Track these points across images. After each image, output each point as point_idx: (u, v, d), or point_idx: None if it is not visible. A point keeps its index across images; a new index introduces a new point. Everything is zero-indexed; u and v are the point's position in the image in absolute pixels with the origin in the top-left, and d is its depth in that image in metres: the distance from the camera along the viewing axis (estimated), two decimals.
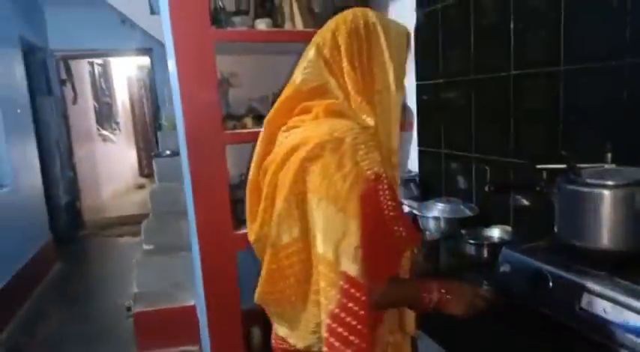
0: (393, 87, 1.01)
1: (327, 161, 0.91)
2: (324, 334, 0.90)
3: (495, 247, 1.41)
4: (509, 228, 1.64)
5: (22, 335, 3.22)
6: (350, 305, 0.89)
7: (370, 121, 0.99)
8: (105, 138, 7.34)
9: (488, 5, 1.72)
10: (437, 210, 1.83)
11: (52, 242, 4.69)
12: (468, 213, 1.81)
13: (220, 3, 2.21)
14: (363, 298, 0.89)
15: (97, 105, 7.23)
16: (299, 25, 2.11)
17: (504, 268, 1.19)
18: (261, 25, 2.06)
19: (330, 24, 1.05)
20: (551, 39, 1.45)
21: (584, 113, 1.39)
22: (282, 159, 0.98)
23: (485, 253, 1.46)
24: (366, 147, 0.94)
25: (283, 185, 0.96)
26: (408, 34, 1.09)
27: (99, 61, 7.25)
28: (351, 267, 0.89)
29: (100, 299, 3.79)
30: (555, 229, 1.17)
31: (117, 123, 7.90)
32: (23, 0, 4.62)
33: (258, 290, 1.06)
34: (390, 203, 0.97)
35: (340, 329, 0.89)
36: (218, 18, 2.12)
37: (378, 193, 0.95)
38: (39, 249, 4.22)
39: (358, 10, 1.05)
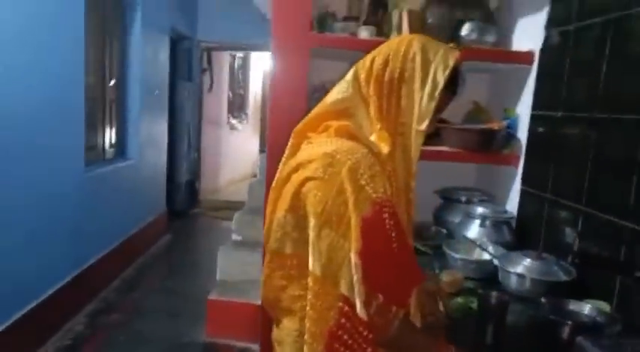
0: (415, 118, 0.99)
1: (329, 185, 0.91)
2: (322, 350, 0.91)
3: (576, 329, 1.12)
4: (607, 308, 1.31)
5: (118, 295, 3.56)
6: (348, 325, 0.90)
7: (384, 148, 0.99)
8: (232, 127, 7.88)
9: (630, 33, 1.39)
10: (522, 266, 1.55)
11: (166, 215, 5.14)
12: (562, 277, 1.49)
13: (330, 9, 2.17)
14: (361, 328, 0.90)
15: (230, 95, 7.79)
16: None
17: None
18: (364, 33, 1.96)
19: (374, 51, 1.05)
20: None
21: None
22: (288, 172, 1.00)
23: (564, 333, 1.17)
24: (370, 171, 0.93)
25: (285, 199, 0.99)
26: (455, 66, 1.01)
27: (240, 53, 7.80)
28: (350, 293, 0.89)
29: (193, 276, 4.04)
30: None
31: (246, 114, 8.43)
32: None
33: (262, 294, 1.12)
34: (393, 233, 0.94)
35: (339, 346, 0.90)
36: (323, 23, 2.07)
37: (380, 218, 0.93)
38: (153, 220, 4.66)
39: (406, 38, 1.04)
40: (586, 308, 1.29)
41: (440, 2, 2.08)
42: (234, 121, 7.92)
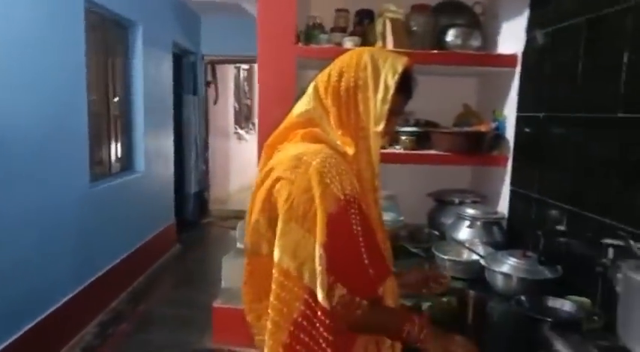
0: (372, 122, 1.04)
1: (296, 184, 0.97)
2: (286, 339, 0.95)
3: (554, 326, 1.15)
4: (588, 304, 1.33)
5: (127, 306, 3.64)
6: (311, 315, 0.94)
7: (350, 151, 1.04)
8: (240, 137, 7.97)
9: (602, 33, 1.42)
10: (507, 266, 1.57)
11: (175, 225, 5.23)
12: (548, 274, 1.52)
13: (318, 20, 2.23)
14: (324, 317, 0.93)
15: (237, 106, 7.90)
16: (389, 44, 2.00)
17: None
18: (349, 43, 2.01)
19: (331, 65, 1.11)
20: None
21: None
22: (262, 178, 1.05)
23: (542, 329, 1.19)
24: (335, 170, 0.97)
25: (258, 203, 1.04)
26: (404, 72, 1.06)
27: (245, 65, 7.91)
28: (313, 284, 0.93)
29: (201, 285, 4.10)
30: (617, 328, 0.90)
31: (253, 124, 8.53)
32: (182, 9, 5.26)
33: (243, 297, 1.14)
34: (355, 227, 0.98)
35: (303, 336, 0.94)
36: (310, 35, 2.13)
37: (346, 215, 0.97)
38: (161, 230, 4.74)
39: (357, 51, 1.11)
40: (566, 304, 1.32)
41: (424, 10, 2.13)
42: (241, 131, 8.03)
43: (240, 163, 7.77)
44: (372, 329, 1.05)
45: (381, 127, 1.03)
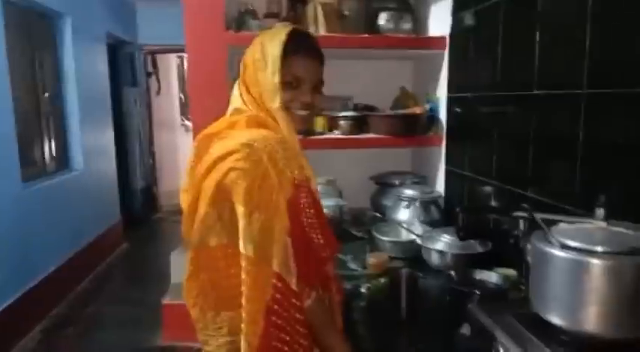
0: (268, 98, 1.05)
1: (253, 172, 0.96)
2: (262, 325, 0.96)
3: (481, 298, 1.20)
4: (513, 274, 1.40)
5: (73, 309, 3.50)
6: (281, 298, 0.96)
7: (280, 132, 1.05)
8: (187, 129, 7.75)
9: (517, 11, 1.47)
10: (442, 243, 1.63)
11: (121, 223, 5.06)
12: (479, 249, 1.58)
13: (250, 6, 2.19)
14: (294, 300, 0.97)
15: (182, 97, 7.67)
16: (322, 30, 2.00)
17: (464, 330, 1.00)
18: None
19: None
20: (576, 57, 1.20)
21: (604, 149, 1.13)
22: (207, 168, 1.01)
23: (469, 301, 1.25)
24: (285, 154, 0.99)
25: (206, 195, 1.01)
26: (288, 39, 1.04)
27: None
28: (281, 268, 0.96)
29: (151, 283, 3.99)
30: (529, 295, 0.95)
31: None
32: None
33: (184, 290, 1.11)
34: (309, 210, 1.02)
35: (278, 320, 0.96)
36: (242, 21, 2.09)
37: (298, 199, 1.00)
38: (106, 229, 4.57)
39: (255, 38, 1.12)
40: (493, 276, 1.38)
41: None
42: (188, 123, 7.81)
43: (189, 155, 7.58)
44: (315, 322, 1.06)
45: (277, 103, 1.04)
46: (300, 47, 1.08)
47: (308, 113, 1.11)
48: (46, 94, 3.70)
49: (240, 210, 0.96)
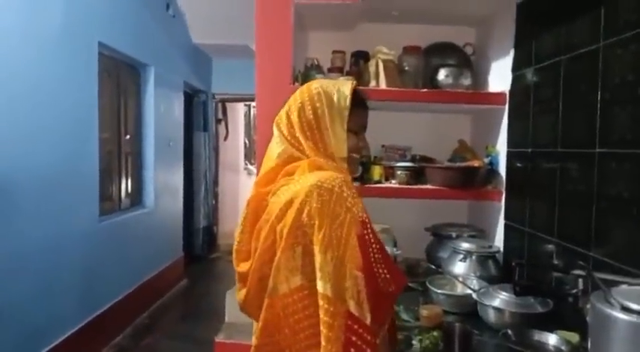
0: (335, 148, 1.10)
1: (324, 212, 0.99)
2: None
3: None
4: (576, 339, 1.33)
5: (131, 341, 3.64)
6: (358, 342, 0.96)
7: (346, 175, 1.08)
8: (250, 172, 8.09)
9: (578, 70, 1.48)
10: (499, 300, 1.58)
11: (182, 259, 5.27)
12: (539, 308, 1.52)
13: (315, 61, 2.34)
14: (369, 337, 0.96)
15: (247, 142, 8.06)
16: (382, 84, 2.09)
17: None
18: None
19: (285, 106, 1.17)
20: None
21: None
22: (278, 215, 1.04)
23: None
24: (352, 194, 1.02)
25: (281, 238, 1.02)
26: (352, 92, 1.11)
27: (254, 103, 8.13)
28: (355, 307, 0.96)
29: (207, 320, 4.08)
30: None
31: None
32: (194, 51, 5.50)
33: (254, 343, 1.08)
34: (375, 246, 1.03)
35: None
36: (307, 74, 2.23)
37: (364, 236, 1.02)
38: (169, 265, 4.79)
39: (306, 85, 1.16)
40: (552, 338, 1.32)
41: (415, 51, 2.22)
42: (250, 167, 8.15)
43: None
44: None
45: (345, 153, 1.10)
46: (361, 99, 1.17)
47: (358, 157, 1.20)
48: (127, 136, 4.06)
49: (315, 249, 0.98)
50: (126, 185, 4.06)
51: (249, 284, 1.09)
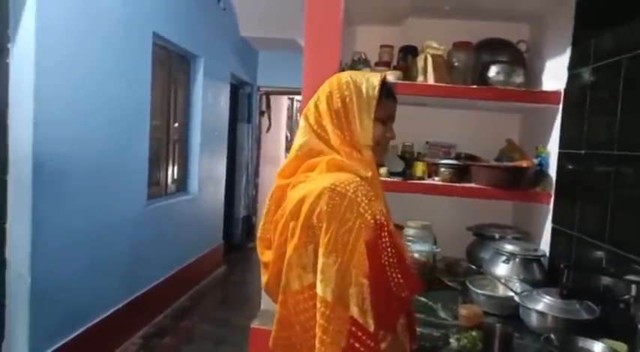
0: (362, 136, 1.10)
1: (333, 216, 0.99)
2: None
3: None
4: (624, 348, 1.28)
5: (170, 321, 3.78)
6: (361, 348, 0.95)
7: (367, 172, 1.07)
8: None
9: (638, 69, 1.42)
10: (543, 304, 1.54)
11: (222, 247, 5.41)
12: (584, 315, 1.47)
13: (363, 55, 2.34)
14: (372, 344, 0.96)
15: (288, 135, 8.15)
16: (430, 79, 2.06)
17: None
18: (390, 77, 2.07)
19: (314, 96, 1.19)
20: None
21: None
22: (291, 211, 1.06)
23: None
24: (366, 198, 1.01)
25: (293, 235, 1.04)
26: (381, 82, 1.13)
27: (298, 97, 8.20)
28: (358, 313, 0.96)
29: (243, 307, 4.19)
30: None
31: None
32: (242, 44, 5.60)
33: (272, 334, 1.11)
34: (390, 250, 1.01)
35: None
36: (354, 68, 2.24)
37: (377, 241, 1.00)
38: (209, 251, 4.92)
39: (335, 76, 1.19)
40: (598, 347, 1.28)
41: (465, 47, 2.18)
42: None
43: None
44: None
45: (370, 141, 1.10)
46: (390, 90, 1.17)
47: (381, 147, 1.19)
48: (176, 124, 4.20)
49: (320, 251, 0.99)
50: (172, 171, 4.20)
51: (269, 273, 1.13)
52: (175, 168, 4.25)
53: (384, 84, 1.15)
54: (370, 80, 1.14)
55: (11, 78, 2.26)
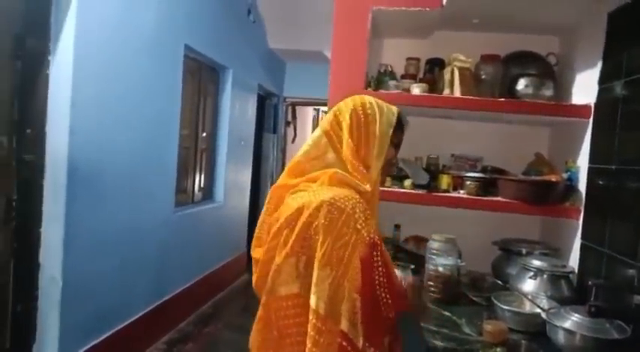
0: (375, 154, 1.16)
1: (330, 229, 1.02)
2: None
3: None
4: None
5: (194, 328, 3.82)
6: None
7: (368, 187, 1.12)
8: None
9: None
10: (571, 322, 1.50)
11: (246, 255, 5.45)
12: (615, 335, 1.43)
13: (389, 67, 2.36)
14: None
15: None
16: (457, 92, 2.06)
17: None
18: (417, 89, 2.10)
19: (334, 109, 1.24)
20: None
21: None
22: (287, 219, 1.09)
23: None
24: (364, 216, 1.04)
25: (286, 243, 1.07)
26: (398, 113, 1.24)
27: (324, 108, 8.26)
28: (349, 328, 0.98)
29: None
30: None
31: None
32: (269, 55, 5.70)
33: (251, 334, 1.18)
34: (381, 269, 1.03)
35: None
36: (380, 80, 2.25)
37: (371, 258, 1.02)
38: (233, 259, 4.98)
39: (355, 96, 1.25)
40: None
41: (493, 60, 2.17)
42: None
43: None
44: None
45: (382, 161, 1.16)
46: (401, 121, 1.26)
47: (388, 169, 1.32)
48: (204, 134, 4.29)
49: (315, 264, 1.01)
50: (199, 179, 4.28)
51: (258, 273, 1.17)
52: (202, 176, 4.33)
53: (398, 114, 1.24)
54: (390, 107, 1.23)
55: (50, 88, 2.36)
